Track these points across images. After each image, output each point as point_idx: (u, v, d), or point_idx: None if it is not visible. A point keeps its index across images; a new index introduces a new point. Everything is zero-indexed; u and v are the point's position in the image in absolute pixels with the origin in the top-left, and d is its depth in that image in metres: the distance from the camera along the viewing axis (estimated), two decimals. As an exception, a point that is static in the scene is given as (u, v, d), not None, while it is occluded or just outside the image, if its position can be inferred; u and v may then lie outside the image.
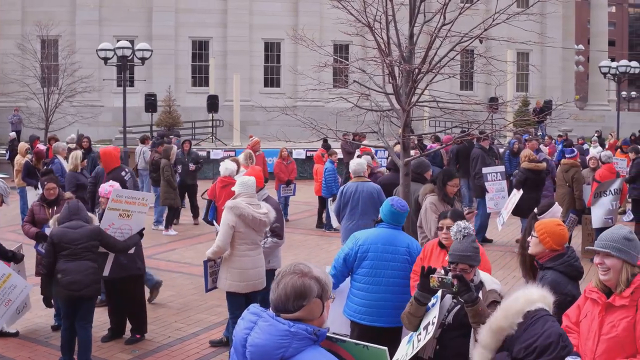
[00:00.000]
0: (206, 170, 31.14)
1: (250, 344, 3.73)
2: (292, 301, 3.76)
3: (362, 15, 9.35)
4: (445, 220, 7.45)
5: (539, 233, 6.73)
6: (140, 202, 10.45)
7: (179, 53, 50.19)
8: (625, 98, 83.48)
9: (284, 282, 3.80)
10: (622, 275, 5.27)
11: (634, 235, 5.37)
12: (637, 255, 5.31)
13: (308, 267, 3.86)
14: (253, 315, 3.84)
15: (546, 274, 6.59)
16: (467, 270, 6.14)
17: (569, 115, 14.96)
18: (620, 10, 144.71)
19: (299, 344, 3.67)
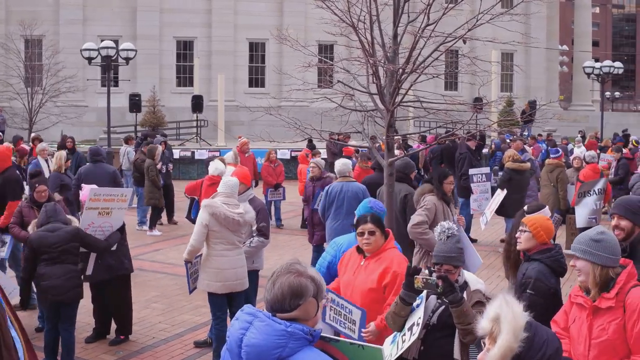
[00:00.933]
0: (190, 170, 31.14)
1: (246, 344, 3.73)
2: (288, 300, 3.76)
3: (346, 15, 9.34)
4: (366, 225, 7.06)
5: (532, 227, 6.80)
6: (120, 199, 10.36)
7: (163, 53, 50.11)
8: (609, 98, 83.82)
9: (280, 281, 3.80)
10: (591, 277, 5.25)
11: (603, 236, 5.30)
12: (608, 255, 5.23)
13: (304, 267, 3.88)
14: (248, 315, 3.83)
15: (532, 264, 6.67)
16: (452, 271, 6.13)
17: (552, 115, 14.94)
18: (604, 11, 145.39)
19: (295, 344, 3.68)
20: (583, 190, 15.86)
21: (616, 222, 6.80)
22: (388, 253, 7.00)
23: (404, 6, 9.29)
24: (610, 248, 5.26)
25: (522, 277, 6.65)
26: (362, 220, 7.13)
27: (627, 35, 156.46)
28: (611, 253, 5.25)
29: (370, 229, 6.98)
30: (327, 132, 11.46)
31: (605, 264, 5.21)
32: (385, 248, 7.04)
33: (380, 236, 7.03)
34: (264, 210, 10.67)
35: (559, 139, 35.03)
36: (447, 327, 5.98)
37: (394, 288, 6.69)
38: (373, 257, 6.99)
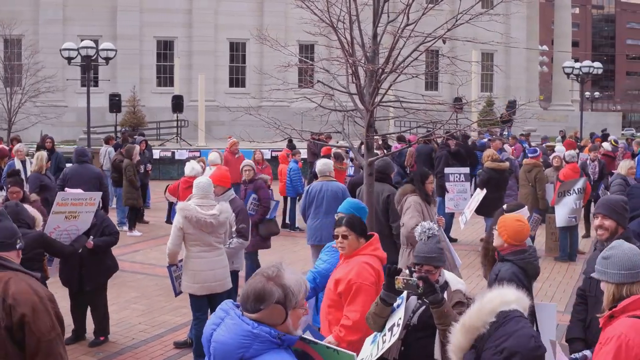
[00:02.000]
0: (171, 170, 31.06)
1: (214, 339, 3.75)
2: (250, 302, 3.76)
3: (326, 15, 9.33)
4: (340, 228, 6.99)
5: (499, 227, 6.85)
6: (88, 202, 10.20)
7: (143, 53, 49.98)
8: (589, 98, 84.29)
9: (251, 282, 3.82)
10: (605, 297, 4.96)
11: (612, 251, 4.94)
12: (619, 271, 4.84)
13: (277, 272, 3.84)
14: (222, 311, 3.85)
15: (504, 265, 6.68)
16: (432, 271, 6.10)
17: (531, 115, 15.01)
18: (583, 12, 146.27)
19: (260, 346, 3.67)
20: (563, 189, 15.95)
21: (600, 222, 6.78)
22: (356, 259, 6.87)
23: (383, 6, 9.29)
24: (620, 263, 4.87)
25: (494, 278, 6.63)
26: (338, 222, 7.09)
27: (607, 35, 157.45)
28: (622, 268, 4.85)
29: (343, 232, 6.91)
30: (307, 132, 11.45)
31: (618, 281, 4.86)
32: (358, 253, 6.92)
33: (355, 240, 6.92)
34: (244, 212, 10.67)
35: (538, 138, 35.14)
36: (428, 328, 5.96)
37: (348, 297, 6.62)
38: (346, 259, 6.95)
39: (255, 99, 32.78)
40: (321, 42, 10.45)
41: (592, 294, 6.72)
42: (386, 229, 10.75)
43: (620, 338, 4.60)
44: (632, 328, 4.64)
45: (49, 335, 4.77)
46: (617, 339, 4.62)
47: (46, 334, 4.76)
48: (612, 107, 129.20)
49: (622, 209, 6.79)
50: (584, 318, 6.77)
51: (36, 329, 4.71)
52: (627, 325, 4.66)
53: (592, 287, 6.72)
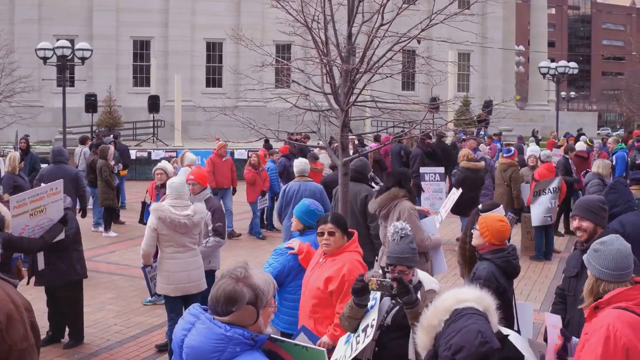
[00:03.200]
0: (147, 170, 30.89)
1: (186, 345, 3.74)
2: (221, 305, 3.75)
3: (300, 14, 9.32)
4: (325, 225, 6.95)
5: (480, 227, 6.83)
6: (50, 193, 9.88)
7: (119, 53, 49.84)
8: (565, 98, 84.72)
9: (219, 284, 3.80)
10: (585, 285, 5.06)
11: (602, 246, 4.98)
12: (601, 268, 4.92)
13: (245, 272, 3.84)
14: (192, 316, 3.83)
15: (482, 264, 6.70)
16: (405, 271, 6.09)
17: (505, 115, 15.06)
18: (559, 12, 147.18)
19: (234, 348, 3.67)
20: (538, 189, 16.03)
21: (578, 224, 6.77)
22: (345, 256, 6.88)
23: (358, 6, 9.29)
24: (604, 260, 4.92)
25: (472, 276, 6.67)
26: (322, 220, 7.02)
27: (583, 36, 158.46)
28: (604, 266, 4.91)
29: (330, 229, 6.87)
30: (282, 132, 11.44)
31: (597, 276, 4.94)
32: (345, 250, 6.92)
33: (341, 237, 6.91)
34: (220, 210, 10.63)
35: (514, 138, 35.31)
36: (402, 328, 5.94)
37: (341, 295, 6.63)
38: (331, 256, 6.89)
39: (231, 99, 32.80)
40: (297, 42, 10.43)
41: (571, 293, 6.75)
42: (364, 229, 10.72)
43: (609, 329, 4.65)
44: (619, 319, 4.70)
45: (21, 344, 4.72)
46: (605, 329, 4.66)
47: (18, 342, 4.71)
48: (588, 107, 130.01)
49: (599, 209, 6.77)
50: (563, 317, 6.80)
51: (9, 337, 4.65)
52: (614, 317, 4.72)
53: (572, 287, 6.75)
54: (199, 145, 30.88)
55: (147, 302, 12.69)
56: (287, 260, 7.48)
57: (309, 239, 7.69)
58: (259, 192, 19.04)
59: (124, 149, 24.84)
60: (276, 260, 7.67)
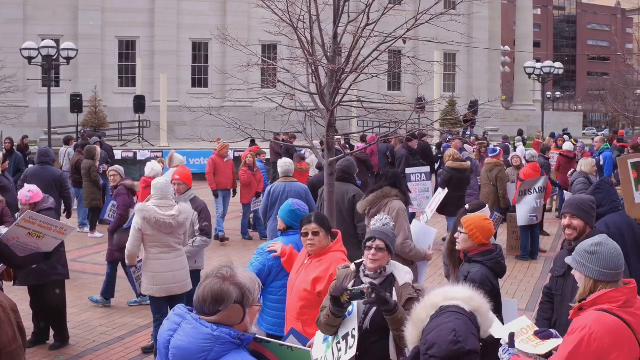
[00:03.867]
0: (133, 171, 30.82)
1: (173, 346, 3.71)
2: (208, 305, 3.73)
3: (286, 14, 9.31)
4: (309, 225, 6.90)
5: (468, 229, 6.74)
6: (58, 230, 9.57)
7: (105, 53, 49.72)
8: (550, 98, 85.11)
9: (205, 284, 3.78)
10: (580, 288, 5.01)
11: (598, 248, 4.94)
12: (601, 269, 4.88)
13: (231, 272, 3.83)
14: (177, 317, 3.81)
15: (474, 267, 6.64)
16: (383, 248, 5.95)
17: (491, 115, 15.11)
18: (545, 13, 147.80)
19: (221, 347, 3.65)
20: (523, 188, 16.08)
21: (568, 222, 6.75)
22: (331, 256, 6.84)
23: (344, 6, 9.28)
24: (603, 261, 4.89)
25: (463, 280, 6.56)
26: (306, 220, 6.97)
27: (568, 36, 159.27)
28: (604, 267, 4.88)
29: (314, 229, 6.82)
30: (268, 132, 11.41)
31: (597, 277, 4.90)
32: (330, 250, 6.89)
33: (325, 237, 6.87)
34: (206, 210, 10.60)
35: (499, 138, 35.41)
36: (381, 330, 5.84)
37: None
38: (316, 257, 6.85)
39: (218, 99, 32.69)
40: (283, 42, 10.43)
41: (558, 293, 6.76)
42: (351, 229, 10.71)
43: (585, 330, 4.68)
44: (597, 321, 4.71)
45: (10, 347, 4.70)
46: (581, 330, 4.70)
47: (7, 345, 4.69)
48: (573, 107, 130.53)
49: (589, 208, 6.79)
50: (550, 317, 6.80)
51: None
52: (593, 319, 4.73)
53: (559, 286, 6.76)
54: (185, 145, 30.84)
55: (132, 303, 12.66)
56: (268, 259, 7.44)
57: (291, 239, 7.65)
58: (254, 193, 18.74)
59: (108, 149, 24.76)
60: (257, 259, 7.64)
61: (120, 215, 12.57)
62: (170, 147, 31.31)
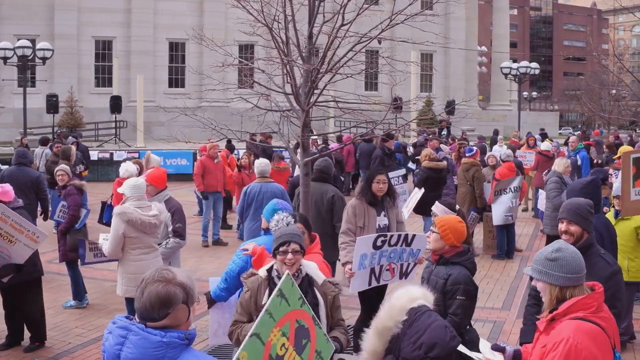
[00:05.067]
0: (109, 171, 30.70)
1: (124, 359, 3.69)
2: (157, 310, 3.72)
3: (261, 15, 9.30)
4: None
5: (441, 229, 6.76)
6: (30, 235, 9.49)
7: (81, 53, 49.45)
8: (527, 98, 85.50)
9: (149, 290, 3.75)
10: (546, 297, 4.88)
11: (559, 254, 4.82)
12: (566, 274, 4.77)
13: (172, 273, 3.83)
14: (121, 329, 3.76)
15: (454, 269, 6.67)
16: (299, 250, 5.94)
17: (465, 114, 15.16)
18: (522, 13, 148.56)
19: (173, 352, 3.67)
20: (499, 188, 16.13)
21: (565, 227, 6.64)
22: (312, 257, 6.79)
23: (319, 6, 9.29)
24: (567, 266, 4.78)
25: (443, 282, 6.59)
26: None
27: (544, 37, 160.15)
28: (569, 272, 4.78)
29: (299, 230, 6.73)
30: (244, 133, 11.40)
31: (563, 284, 4.79)
32: (310, 251, 6.86)
33: (307, 237, 6.86)
34: (180, 211, 10.54)
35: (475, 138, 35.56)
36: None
37: None
38: None
39: (194, 99, 32.65)
40: (260, 42, 10.41)
41: None
42: (329, 229, 10.73)
43: (569, 342, 4.57)
44: (578, 331, 4.62)
45: None
46: (565, 343, 4.58)
47: None
48: (549, 107, 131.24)
49: (587, 214, 6.67)
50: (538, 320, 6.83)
51: None
52: (574, 328, 4.64)
53: None
54: (161, 146, 30.74)
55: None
56: (243, 260, 7.42)
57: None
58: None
59: (84, 149, 24.63)
60: (239, 257, 7.63)
61: (72, 215, 12.41)
62: (146, 148, 31.17)
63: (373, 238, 8.93)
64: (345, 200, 11.19)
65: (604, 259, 6.41)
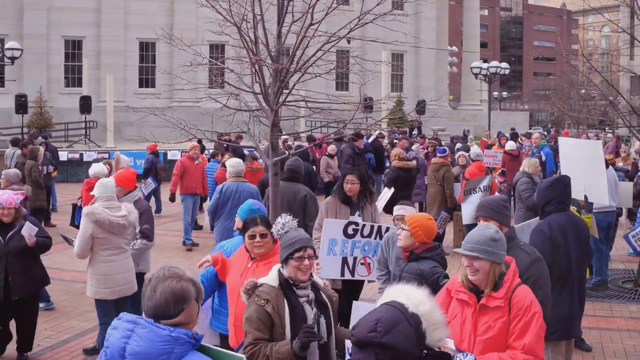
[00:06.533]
0: (79, 172, 30.54)
1: (130, 352, 3.65)
2: (173, 306, 3.71)
3: (229, 14, 9.28)
4: (257, 227, 6.78)
5: (412, 227, 6.85)
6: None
7: (51, 52, 49.12)
8: (497, 98, 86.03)
9: (162, 287, 3.74)
10: (489, 276, 5.22)
11: (499, 234, 5.33)
12: (504, 253, 5.32)
13: (181, 270, 3.84)
14: (129, 323, 3.74)
15: (425, 263, 6.77)
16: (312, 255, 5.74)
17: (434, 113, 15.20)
18: (492, 14, 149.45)
19: (181, 349, 3.63)
20: (469, 187, 16.21)
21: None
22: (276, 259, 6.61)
23: (288, 5, 9.28)
24: (504, 245, 5.35)
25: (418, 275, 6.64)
26: (252, 222, 6.85)
27: (514, 37, 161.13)
28: (505, 250, 5.36)
29: (262, 232, 6.74)
30: (213, 133, 11.36)
31: (501, 260, 5.29)
32: (276, 252, 6.71)
33: (271, 239, 6.77)
34: (148, 212, 10.50)
35: (447, 138, 35.73)
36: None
37: None
38: (263, 259, 6.75)
39: (165, 99, 32.49)
40: (230, 42, 10.37)
41: None
42: (302, 228, 10.74)
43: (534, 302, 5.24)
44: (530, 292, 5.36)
45: None
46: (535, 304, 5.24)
47: None
48: (520, 106, 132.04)
49: (502, 208, 6.79)
50: None
51: None
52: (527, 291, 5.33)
53: None
54: (131, 146, 30.57)
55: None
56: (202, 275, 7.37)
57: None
58: None
59: (53, 150, 24.47)
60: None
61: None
62: (116, 148, 31.02)
63: (343, 224, 9.02)
64: (317, 200, 11.25)
65: (523, 250, 6.62)
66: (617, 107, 17.79)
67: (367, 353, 4.11)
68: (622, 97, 17.19)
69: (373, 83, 11.94)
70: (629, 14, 38.15)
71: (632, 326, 11.68)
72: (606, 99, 22.06)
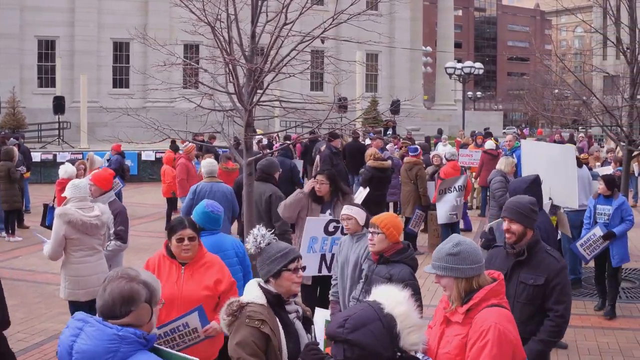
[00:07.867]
0: (52, 173, 30.29)
1: (76, 350, 3.64)
2: (119, 307, 3.69)
3: (203, 13, 9.25)
4: (185, 230, 6.57)
5: (385, 228, 6.78)
6: None
7: (24, 52, 48.73)
8: (471, 98, 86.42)
9: (111, 287, 3.72)
10: (453, 291, 4.94)
11: (460, 247, 4.90)
12: (469, 266, 4.89)
13: (136, 272, 3.81)
14: (79, 321, 3.73)
15: (395, 267, 6.71)
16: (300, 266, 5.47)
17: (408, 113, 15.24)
18: (466, 14, 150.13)
19: (127, 348, 3.60)
20: (444, 187, 16.27)
21: (507, 226, 6.63)
22: (210, 257, 6.74)
23: (262, 5, 9.27)
24: (469, 258, 4.90)
25: (387, 280, 6.54)
26: (180, 225, 6.64)
27: (489, 37, 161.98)
28: (471, 262, 4.90)
29: (190, 235, 6.58)
30: (187, 133, 11.33)
31: (468, 275, 4.90)
32: (204, 252, 6.74)
33: (199, 241, 6.70)
34: (123, 214, 10.42)
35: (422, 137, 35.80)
36: None
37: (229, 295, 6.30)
38: (195, 263, 6.65)
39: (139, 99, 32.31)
40: (205, 42, 10.35)
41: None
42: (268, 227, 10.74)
43: (496, 328, 4.69)
44: (499, 316, 4.77)
45: None
46: (494, 329, 4.69)
47: None
48: (494, 106, 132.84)
49: (529, 212, 6.63)
50: None
51: None
52: (495, 315, 4.77)
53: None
54: (105, 147, 30.39)
55: None
56: None
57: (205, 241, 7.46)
58: None
59: (25, 151, 24.30)
60: None
61: None
62: (90, 149, 30.82)
63: (325, 222, 9.06)
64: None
65: (552, 255, 6.47)
66: (590, 106, 17.91)
67: (337, 348, 4.12)
68: (595, 97, 17.32)
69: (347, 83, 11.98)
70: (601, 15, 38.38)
71: (606, 324, 11.77)
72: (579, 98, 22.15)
